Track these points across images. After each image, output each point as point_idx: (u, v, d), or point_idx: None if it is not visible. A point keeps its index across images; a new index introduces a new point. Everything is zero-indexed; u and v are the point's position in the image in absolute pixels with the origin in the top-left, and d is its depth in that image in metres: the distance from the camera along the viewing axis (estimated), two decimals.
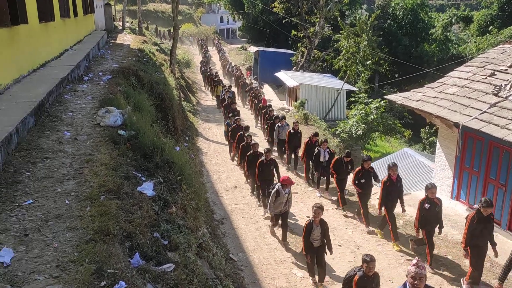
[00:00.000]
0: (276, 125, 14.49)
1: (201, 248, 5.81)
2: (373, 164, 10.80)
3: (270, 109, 17.29)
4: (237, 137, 13.51)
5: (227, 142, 16.19)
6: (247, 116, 21.67)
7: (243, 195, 12.12)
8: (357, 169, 9.88)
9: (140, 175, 5.76)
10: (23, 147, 5.77)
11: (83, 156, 5.68)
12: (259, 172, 10.65)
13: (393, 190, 8.86)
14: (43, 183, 4.90)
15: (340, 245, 9.17)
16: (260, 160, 10.65)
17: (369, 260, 5.85)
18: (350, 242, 9.34)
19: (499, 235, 8.72)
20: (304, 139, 13.42)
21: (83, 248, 3.68)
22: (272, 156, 11.02)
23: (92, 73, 11.47)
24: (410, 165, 15.45)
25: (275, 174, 10.88)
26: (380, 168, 15.91)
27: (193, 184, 7.17)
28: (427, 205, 7.85)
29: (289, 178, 8.93)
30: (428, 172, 13.86)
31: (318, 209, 7.41)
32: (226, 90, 21.18)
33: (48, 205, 4.44)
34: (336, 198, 11.34)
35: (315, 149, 11.96)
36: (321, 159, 11.74)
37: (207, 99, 27.03)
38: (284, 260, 8.77)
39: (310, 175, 12.96)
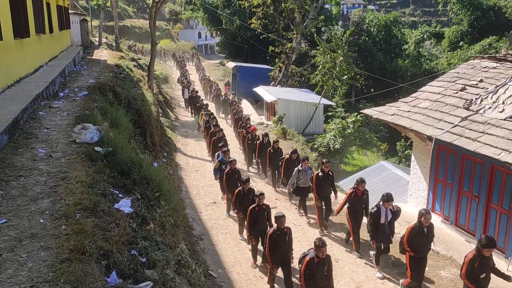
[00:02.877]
0: (297, 169, 11.12)
1: (179, 265, 5.75)
2: (349, 178, 10.60)
3: (268, 138, 14.36)
4: (235, 193, 9.93)
5: (210, 161, 15.57)
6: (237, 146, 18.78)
7: (222, 210, 12.05)
8: (471, 256, 6.20)
9: (117, 192, 5.70)
10: None
11: (58, 174, 5.58)
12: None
13: None
14: (17, 202, 4.80)
15: None
16: (309, 261, 6.70)
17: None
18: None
19: (473, 246, 8.91)
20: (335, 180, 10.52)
21: (58, 268, 3.61)
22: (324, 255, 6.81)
23: (67, 89, 11.34)
24: (386, 178, 15.72)
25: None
26: None
27: (172, 200, 7.11)
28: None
29: None
30: (404, 184, 14.13)
31: None
32: (210, 118, 17.84)
33: (22, 224, 4.35)
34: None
35: (374, 207, 8.37)
36: (382, 221, 8.30)
37: (186, 115, 26.96)
38: (264, 276, 8.73)
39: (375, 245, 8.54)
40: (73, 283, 3.43)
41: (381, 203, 8.27)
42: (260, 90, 27.64)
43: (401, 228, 9.04)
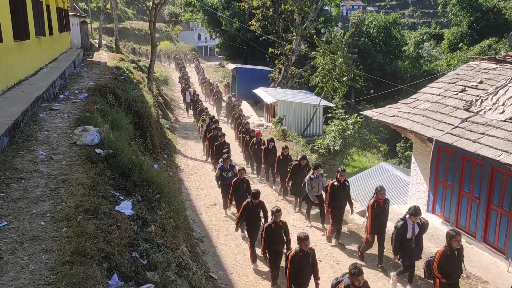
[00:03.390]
0: (308, 177, 10.65)
1: (180, 267, 5.74)
2: (349, 180, 10.44)
3: (273, 144, 13.88)
4: (242, 206, 9.33)
5: (209, 162, 15.52)
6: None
7: (223, 212, 12.05)
8: None
9: (118, 194, 5.70)
10: None
11: (59, 176, 5.58)
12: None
13: None
14: (18, 204, 4.79)
15: (320, 261, 9.17)
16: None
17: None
18: (330, 257, 9.38)
19: (474, 247, 8.93)
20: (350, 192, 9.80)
21: (59, 270, 3.61)
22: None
23: (68, 91, 11.34)
24: (387, 179, 15.71)
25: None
26: (358, 183, 16.15)
27: (172, 202, 7.11)
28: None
29: None
30: (404, 186, 14.13)
31: None
32: (212, 121, 17.57)
33: (23, 227, 4.35)
34: None
35: (400, 221, 7.70)
36: (409, 235, 7.61)
37: (185, 116, 26.98)
38: (264, 277, 8.73)
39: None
40: (74, 285, 3.43)
41: (407, 216, 7.60)
42: (260, 91, 27.67)
43: None
